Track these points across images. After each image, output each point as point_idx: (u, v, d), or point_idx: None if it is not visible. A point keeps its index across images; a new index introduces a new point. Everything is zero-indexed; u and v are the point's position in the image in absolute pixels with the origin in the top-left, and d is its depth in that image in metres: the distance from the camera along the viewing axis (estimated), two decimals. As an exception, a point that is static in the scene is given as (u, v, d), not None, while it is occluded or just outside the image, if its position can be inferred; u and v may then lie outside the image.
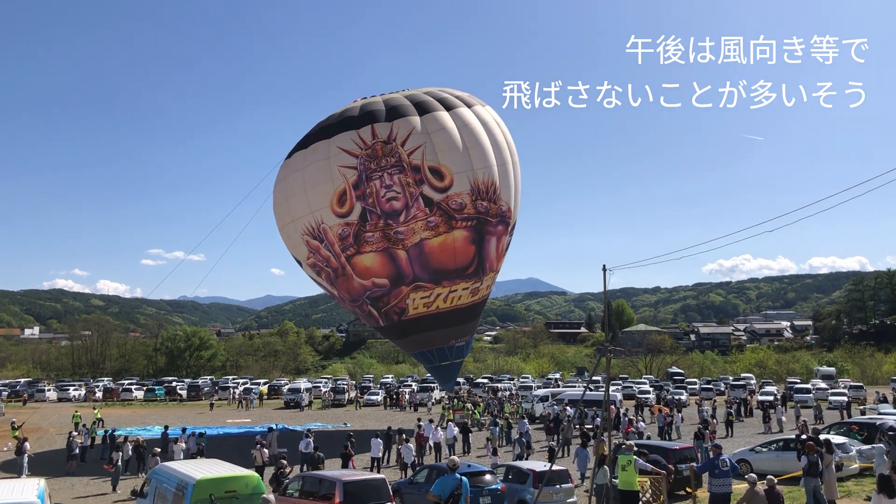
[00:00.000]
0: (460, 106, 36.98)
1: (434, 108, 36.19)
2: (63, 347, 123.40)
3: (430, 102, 36.47)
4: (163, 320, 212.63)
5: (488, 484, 18.68)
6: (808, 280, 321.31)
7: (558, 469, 19.65)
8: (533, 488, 18.96)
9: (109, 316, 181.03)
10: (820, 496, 17.11)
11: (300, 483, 18.49)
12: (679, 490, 20.40)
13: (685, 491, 20.21)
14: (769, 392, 55.95)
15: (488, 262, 37.25)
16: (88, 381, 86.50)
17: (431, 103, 36.42)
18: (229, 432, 43.18)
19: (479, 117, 37.06)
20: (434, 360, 39.32)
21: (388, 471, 27.36)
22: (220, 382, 79.93)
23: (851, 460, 22.93)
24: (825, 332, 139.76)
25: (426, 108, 35.98)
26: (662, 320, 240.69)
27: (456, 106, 36.82)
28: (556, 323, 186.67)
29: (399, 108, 35.81)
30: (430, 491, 14.13)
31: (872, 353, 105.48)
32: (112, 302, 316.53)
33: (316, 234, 35.95)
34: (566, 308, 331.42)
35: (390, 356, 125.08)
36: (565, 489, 19.47)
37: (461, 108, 36.79)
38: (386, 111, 35.69)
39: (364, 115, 35.79)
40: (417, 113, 35.62)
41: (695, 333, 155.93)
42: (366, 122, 35.33)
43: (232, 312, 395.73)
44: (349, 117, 36.11)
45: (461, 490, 13.59)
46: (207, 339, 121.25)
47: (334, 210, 34.90)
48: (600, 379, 42.16)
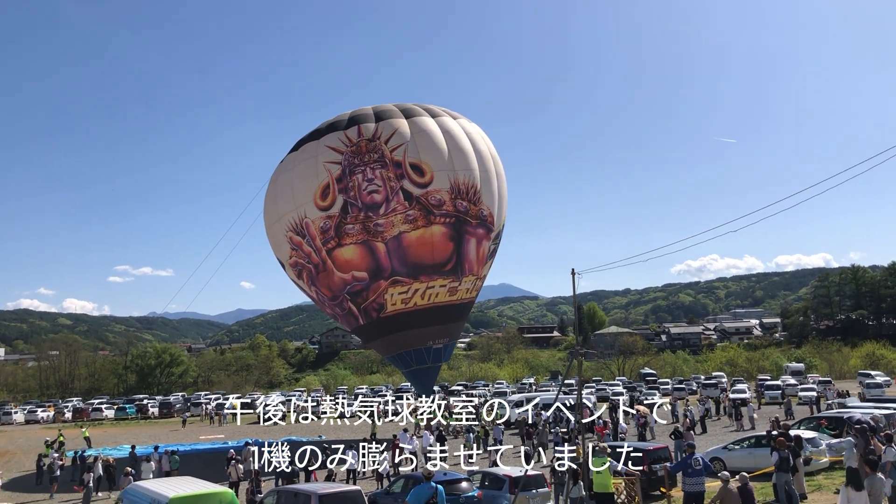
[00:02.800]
0: (446, 116, 38.67)
1: (420, 114, 37.86)
2: (30, 368, 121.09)
3: (416, 110, 38.15)
4: (132, 338, 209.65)
5: (465, 491, 18.66)
6: (776, 278, 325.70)
7: (534, 474, 19.69)
8: (509, 494, 18.98)
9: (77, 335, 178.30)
10: (791, 491, 17.33)
11: (275, 498, 18.33)
12: (653, 490, 20.55)
13: (660, 491, 20.36)
14: (741, 390, 56.54)
15: (467, 262, 37.82)
16: (57, 402, 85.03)
17: (418, 111, 38.12)
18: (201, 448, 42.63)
19: (464, 128, 38.62)
20: (411, 362, 39.40)
21: (364, 482, 27.21)
22: (192, 399, 79.03)
23: (821, 454, 23.25)
24: (793, 328, 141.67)
25: (412, 114, 37.66)
26: (634, 322, 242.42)
27: (442, 115, 38.53)
28: (529, 328, 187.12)
29: (386, 112, 37.64)
30: (405, 501, 14.11)
31: (839, 347, 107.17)
32: (80, 320, 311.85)
33: (299, 229, 37.13)
34: (539, 312, 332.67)
35: (364, 367, 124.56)
36: (541, 494, 19.52)
37: (446, 118, 38.50)
38: (374, 115, 37.59)
39: (353, 118, 37.71)
40: (403, 117, 37.32)
41: (666, 334, 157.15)
42: (354, 123, 37.16)
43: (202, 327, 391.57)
44: (339, 121, 38.05)
45: (437, 499, 13.59)
46: (178, 356, 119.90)
47: (317, 203, 36.19)
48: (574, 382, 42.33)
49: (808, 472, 20.89)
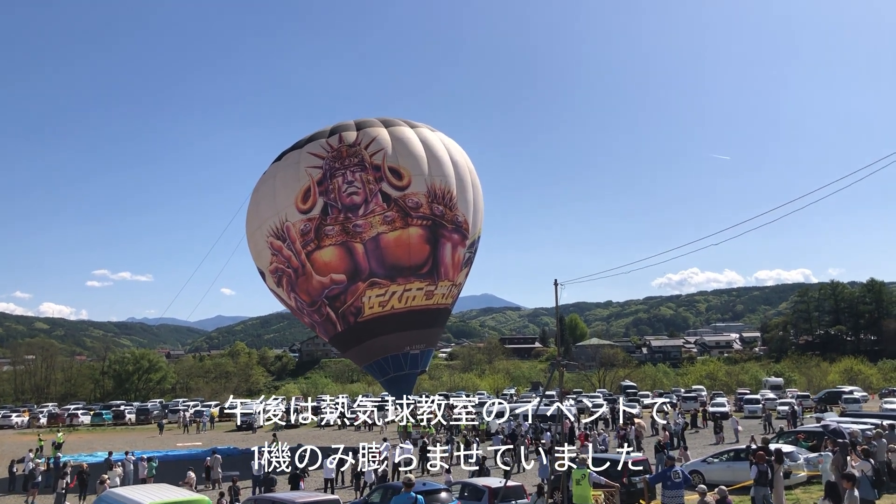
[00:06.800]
0: (424, 128, 40.15)
1: (399, 124, 39.37)
2: (5, 373, 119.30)
3: (396, 121, 39.70)
4: (110, 343, 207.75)
5: (444, 501, 18.56)
6: (756, 292, 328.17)
7: (514, 485, 19.60)
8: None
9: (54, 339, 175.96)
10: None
11: (252, 506, 18.13)
12: (633, 502, 20.51)
13: (639, 503, 20.33)
14: (720, 403, 56.79)
15: (443, 266, 38.63)
16: (32, 407, 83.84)
17: (398, 122, 39.69)
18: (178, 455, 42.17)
19: (441, 139, 40.09)
20: (389, 369, 39.55)
21: (343, 491, 27.02)
22: (170, 405, 78.22)
23: (799, 468, 23.33)
24: (773, 343, 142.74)
25: (392, 124, 39.15)
26: (615, 334, 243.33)
27: (420, 127, 40.02)
28: (510, 338, 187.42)
29: (367, 123, 39.24)
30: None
31: (818, 362, 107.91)
32: (57, 325, 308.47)
33: (280, 233, 37.92)
34: (520, 323, 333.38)
35: (345, 375, 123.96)
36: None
37: (424, 129, 39.96)
38: (355, 125, 39.08)
39: (334, 128, 39.18)
40: (384, 126, 38.74)
41: (647, 346, 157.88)
42: (335, 132, 38.60)
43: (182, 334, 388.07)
44: (321, 132, 39.50)
45: (416, 509, 13.48)
46: (157, 362, 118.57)
47: (298, 207, 37.18)
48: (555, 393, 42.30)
49: (787, 485, 20.93)
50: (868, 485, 15.94)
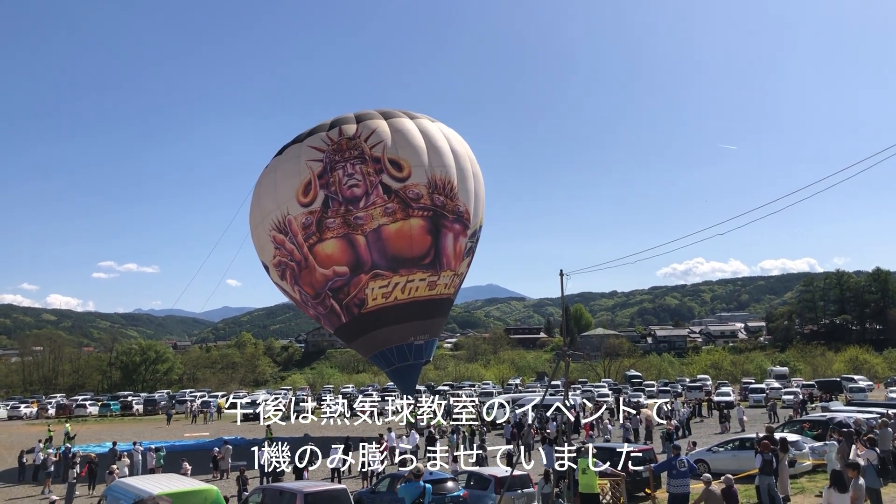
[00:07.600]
0: (423, 118, 40.12)
1: (399, 116, 39.33)
2: (13, 364, 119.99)
3: (395, 113, 39.64)
4: (117, 334, 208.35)
5: (450, 491, 18.65)
6: (761, 282, 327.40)
7: (520, 474, 19.69)
8: (495, 494, 18.99)
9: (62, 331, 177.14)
10: (774, 493, 17.43)
11: (260, 496, 18.25)
12: (638, 491, 20.62)
13: (644, 492, 20.44)
14: (725, 393, 56.89)
15: (445, 256, 38.66)
16: (41, 398, 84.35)
17: (397, 113, 39.63)
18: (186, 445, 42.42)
19: (441, 130, 40.00)
20: (393, 360, 39.70)
21: (350, 481, 27.17)
22: (177, 396, 78.67)
23: (804, 457, 23.40)
24: (777, 332, 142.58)
25: (391, 116, 39.13)
26: (620, 324, 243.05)
27: (420, 118, 39.97)
28: (515, 329, 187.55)
29: (366, 115, 39.20)
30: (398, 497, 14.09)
31: (823, 352, 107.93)
32: (64, 316, 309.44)
33: (282, 227, 38.07)
34: (525, 313, 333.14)
35: (350, 366, 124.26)
36: (527, 494, 19.54)
37: (424, 120, 39.91)
38: (355, 118, 39.07)
39: (334, 122, 39.21)
40: (383, 118, 38.73)
41: (652, 336, 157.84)
42: (335, 126, 38.66)
43: (188, 325, 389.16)
44: (321, 125, 39.56)
45: (424, 498, 13.58)
46: (163, 353, 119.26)
47: (299, 200, 37.25)
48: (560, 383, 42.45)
49: (792, 474, 21.01)
50: (873, 473, 16.01)
